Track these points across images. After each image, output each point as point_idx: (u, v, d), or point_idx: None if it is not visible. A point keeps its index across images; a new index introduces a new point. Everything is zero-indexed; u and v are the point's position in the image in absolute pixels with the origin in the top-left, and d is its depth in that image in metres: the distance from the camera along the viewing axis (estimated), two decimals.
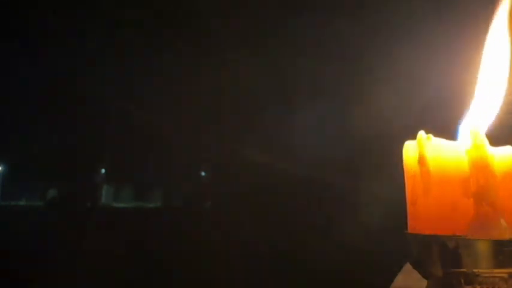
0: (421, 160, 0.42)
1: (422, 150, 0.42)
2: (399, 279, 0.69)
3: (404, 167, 0.44)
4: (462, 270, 0.39)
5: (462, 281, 0.39)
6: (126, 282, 3.29)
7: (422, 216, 0.42)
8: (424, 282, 0.41)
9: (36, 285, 3.32)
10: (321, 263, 2.95)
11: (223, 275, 3.00)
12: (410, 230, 0.43)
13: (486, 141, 0.41)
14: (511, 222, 0.40)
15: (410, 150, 0.43)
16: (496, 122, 0.45)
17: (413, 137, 0.43)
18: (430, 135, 0.42)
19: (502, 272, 0.39)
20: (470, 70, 0.47)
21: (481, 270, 0.39)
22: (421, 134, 0.43)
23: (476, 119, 0.44)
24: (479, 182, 0.40)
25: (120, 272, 3.33)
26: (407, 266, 0.42)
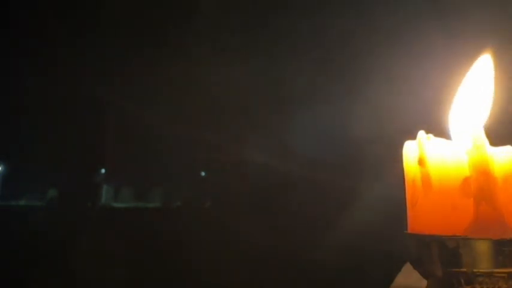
0: (421, 160, 0.42)
1: (422, 151, 0.42)
2: (399, 279, 0.69)
3: (404, 167, 0.44)
4: (462, 270, 0.39)
5: (462, 281, 0.39)
6: (126, 282, 3.29)
7: (423, 216, 0.42)
8: (424, 282, 0.41)
9: (36, 285, 3.32)
10: (320, 263, 2.95)
11: (223, 275, 3.00)
12: (410, 230, 0.43)
13: (486, 142, 0.41)
14: (511, 222, 0.40)
15: (410, 150, 0.43)
16: (496, 122, 0.45)
17: (413, 137, 0.43)
18: (430, 135, 0.42)
19: (502, 272, 0.39)
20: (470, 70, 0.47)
21: (481, 270, 0.39)
22: (421, 134, 0.43)
23: (469, 118, 0.44)
24: (479, 182, 0.40)
25: (120, 272, 3.33)
26: (407, 266, 0.42)
